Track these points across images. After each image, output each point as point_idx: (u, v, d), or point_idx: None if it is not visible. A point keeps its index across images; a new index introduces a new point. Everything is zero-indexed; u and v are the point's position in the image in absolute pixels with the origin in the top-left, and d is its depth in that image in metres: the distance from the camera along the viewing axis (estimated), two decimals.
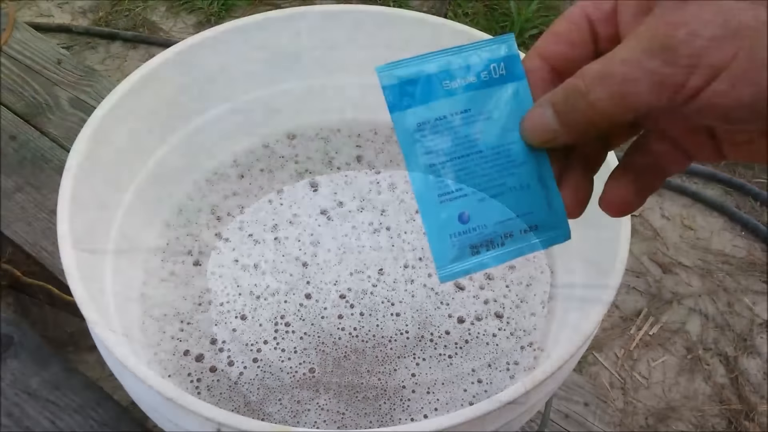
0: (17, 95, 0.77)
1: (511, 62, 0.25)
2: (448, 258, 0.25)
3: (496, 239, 0.25)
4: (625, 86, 0.21)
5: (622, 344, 0.90)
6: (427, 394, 0.42)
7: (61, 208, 0.37)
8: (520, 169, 0.25)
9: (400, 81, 0.25)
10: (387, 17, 0.50)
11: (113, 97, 0.43)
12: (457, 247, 0.25)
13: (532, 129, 0.24)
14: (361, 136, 0.56)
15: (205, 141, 0.52)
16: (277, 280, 0.47)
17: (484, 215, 0.25)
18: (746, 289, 0.95)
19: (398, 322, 0.45)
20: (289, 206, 0.51)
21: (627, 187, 0.24)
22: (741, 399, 0.85)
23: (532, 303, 0.46)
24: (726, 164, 1.10)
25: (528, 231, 0.25)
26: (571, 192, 0.25)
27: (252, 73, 0.52)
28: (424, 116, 0.25)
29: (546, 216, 0.25)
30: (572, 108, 0.22)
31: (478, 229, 0.25)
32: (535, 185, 0.25)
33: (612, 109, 0.21)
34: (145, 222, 0.48)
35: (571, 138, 0.23)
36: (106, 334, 0.33)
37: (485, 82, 0.25)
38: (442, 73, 0.25)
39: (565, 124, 0.23)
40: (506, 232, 0.25)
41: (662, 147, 0.24)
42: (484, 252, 0.25)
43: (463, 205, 0.25)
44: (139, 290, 0.46)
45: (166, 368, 0.42)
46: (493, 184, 0.25)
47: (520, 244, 0.25)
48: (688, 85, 0.20)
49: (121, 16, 1.26)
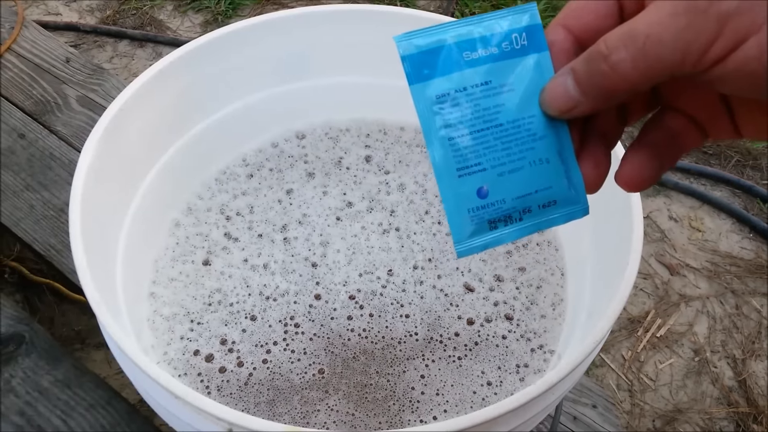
0: (26, 93, 0.78)
1: (533, 32, 0.24)
2: (466, 233, 0.24)
3: (515, 214, 0.24)
4: (649, 47, 0.20)
5: (629, 346, 0.89)
6: (437, 395, 0.42)
7: (72, 208, 0.37)
8: (539, 143, 0.24)
9: (419, 51, 0.24)
10: (396, 17, 0.50)
11: (123, 97, 0.43)
12: (476, 221, 0.24)
13: (552, 98, 0.23)
14: (370, 136, 0.56)
15: (215, 140, 0.52)
16: (287, 281, 0.47)
17: (503, 190, 0.24)
18: (754, 292, 0.95)
19: (407, 324, 0.45)
20: (298, 206, 0.51)
21: (643, 162, 0.24)
22: (749, 402, 0.85)
23: (543, 305, 0.46)
24: (734, 166, 1.10)
25: (547, 206, 0.25)
26: (590, 166, 0.25)
27: (261, 73, 0.52)
28: (443, 88, 0.24)
29: (565, 191, 0.25)
30: (593, 72, 0.21)
31: (496, 204, 0.24)
32: (554, 159, 0.24)
33: (634, 72, 0.20)
34: (155, 221, 0.48)
35: (591, 106, 0.22)
36: (118, 334, 0.33)
37: (506, 53, 0.24)
38: (463, 43, 0.24)
39: (586, 91, 0.22)
40: (525, 207, 0.24)
41: (679, 123, 0.24)
42: (502, 227, 0.24)
43: (482, 180, 0.24)
44: (148, 289, 0.46)
45: (176, 368, 0.42)
46: (513, 158, 0.24)
47: (538, 219, 0.25)
48: (715, 49, 0.19)
49: (128, 15, 1.26)
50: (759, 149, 1.12)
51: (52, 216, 0.68)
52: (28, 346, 0.46)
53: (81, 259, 0.36)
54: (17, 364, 0.45)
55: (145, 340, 0.43)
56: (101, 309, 0.34)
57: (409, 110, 0.61)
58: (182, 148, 0.50)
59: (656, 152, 0.24)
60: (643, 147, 0.24)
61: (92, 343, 0.82)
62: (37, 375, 0.44)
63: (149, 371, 0.31)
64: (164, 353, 0.43)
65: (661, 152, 0.24)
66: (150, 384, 0.34)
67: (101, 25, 1.23)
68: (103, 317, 0.34)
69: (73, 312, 0.84)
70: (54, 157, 0.72)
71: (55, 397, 0.44)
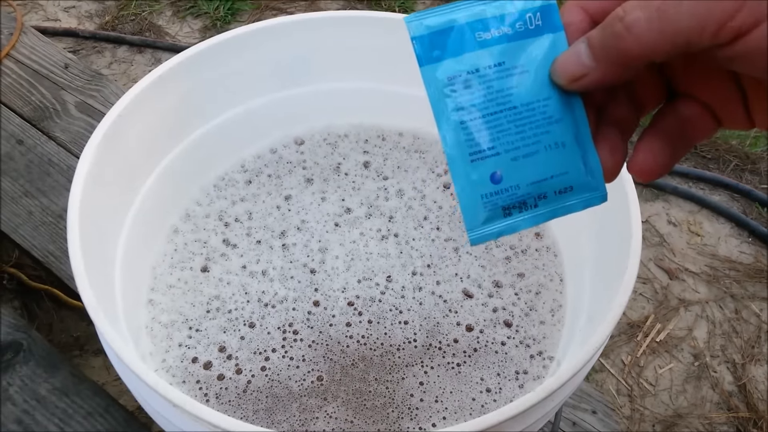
0: (24, 99, 0.78)
1: (548, 11, 0.23)
2: (480, 220, 0.23)
3: (530, 200, 0.24)
4: (667, 9, 0.19)
5: (628, 351, 0.89)
6: (435, 402, 0.42)
7: (71, 214, 0.37)
8: (555, 127, 0.23)
9: (430, 31, 0.23)
10: (394, 23, 0.50)
11: (123, 103, 0.43)
12: (489, 208, 0.23)
13: (564, 65, 0.22)
14: (368, 142, 0.56)
15: (213, 146, 0.52)
16: (285, 287, 0.47)
17: (518, 175, 0.23)
18: (753, 296, 0.95)
19: (406, 330, 0.45)
20: (297, 212, 0.51)
21: (656, 149, 0.24)
22: (749, 407, 0.84)
23: (542, 311, 0.46)
24: (733, 170, 1.10)
25: (563, 192, 0.24)
26: (607, 151, 0.24)
27: (260, 79, 0.52)
28: (455, 69, 0.23)
29: (582, 177, 0.24)
30: (608, 35, 0.21)
31: (510, 189, 0.23)
32: (570, 144, 0.23)
33: (650, 35, 0.20)
34: (153, 227, 0.48)
35: (603, 73, 0.22)
36: (116, 342, 0.33)
37: (520, 33, 0.23)
38: (476, 23, 0.23)
39: (598, 56, 0.21)
40: (540, 193, 0.24)
41: (693, 110, 0.24)
42: (516, 214, 0.24)
43: (496, 165, 0.23)
44: (147, 296, 0.46)
45: (174, 375, 0.42)
46: (527, 142, 0.23)
47: (554, 205, 0.24)
48: (736, 20, 0.18)
49: (127, 21, 1.26)
50: (757, 153, 1.12)
51: (50, 222, 0.68)
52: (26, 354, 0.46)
53: (79, 266, 0.36)
54: (15, 372, 0.45)
55: (143, 347, 0.43)
56: (99, 316, 0.34)
57: (407, 116, 0.61)
58: (181, 154, 0.50)
59: (670, 139, 0.24)
60: (657, 134, 0.24)
61: (91, 350, 0.82)
62: (34, 383, 0.44)
63: (147, 379, 0.31)
64: (162, 360, 0.43)
65: (674, 139, 0.24)
66: (148, 392, 0.34)
67: (100, 30, 1.23)
68: (101, 324, 0.34)
69: (72, 318, 0.84)
70: (52, 163, 0.72)
71: (53, 405, 0.44)
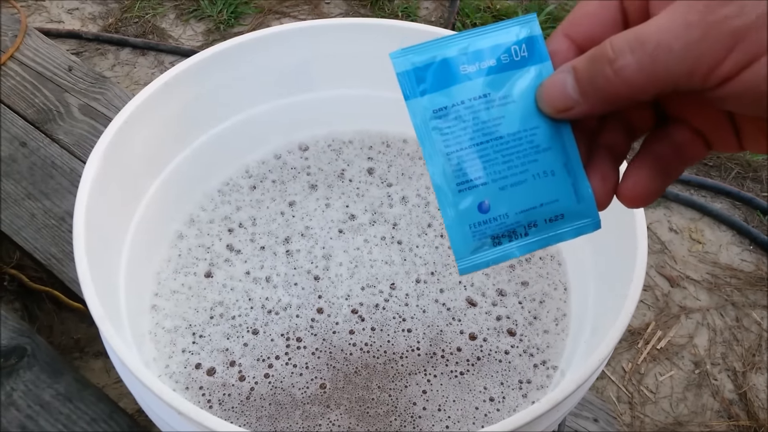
0: (28, 102, 0.78)
1: (533, 43, 0.24)
2: (468, 249, 0.24)
3: (519, 229, 0.24)
4: (658, 54, 0.19)
5: (629, 358, 0.89)
6: (438, 411, 0.42)
7: (77, 221, 0.37)
8: (544, 155, 0.23)
9: (415, 67, 0.23)
10: (398, 30, 0.50)
11: (128, 109, 0.43)
12: (478, 237, 0.24)
13: (549, 95, 0.23)
14: (372, 148, 0.56)
15: (218, 152, 0.52)
16: (289, 294, 0.47)
17: (506, 204, 0.23)
18: (754, 304, 0.95)
19: (410, 338, 0.45)
20: (301, 218, 0.51)
21: (647, 176, 0.23)
22: (749, 415, 0.84)
23: (546, 320, 0.46)
24: (734, 178, 1.10)
25: (554, 220, 0.24)
26: (598, 179, 0.24)
27: (265, 85, 0.52)
28: (440, 102, 0.23)
29: (573, 204, 0.24)
30: (596, 74, 0.21)
31: (499, 219, 0.24)
32: (560, 171, 0.24)
33: (639, 79, 0.20)
34: (157, 232, 0.48)
35: (589, 109, 0.22)
36: (121, 349, 0.33)
37: (506, 65, 0.23)
38: (460, 57, 0.23)
39: (586, 92, 0.21)
40: (530, 221, 0.24)
41: (685, 135, 0.23)
42: (506, 243, 0.24)
43: (483, 194, 0.23)
44: (150, 301, 0.46)
45: (177, 381, 0.42)
46: (515, 171, 0.23)
47: (545, 233, 0.24)
48: (727, 63, 0.19)
49: (130, 23, 1.27)
50: (759, 161, 1.12)
51: (53, 225, 0.68)
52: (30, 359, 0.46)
53: (84, 272, 0.36)
54: (19, 377, 0.45)
55: (147, 353, 0.43)
56: (105, 323, 0.34)
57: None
58: (185, 160, 0.50)
59: (660, 165, 0.23)
60: (647, 160, 0.24)
61: (91, 352, 0.82)
62: (38, 388, 0.44)
63: (153, 387, 0.31)
64: (166, 366, 0.43)
65: (665, 165, 0.24)
66: (152, 398, 0.34)
67: (103, 33, 1.23)
68: (107, 332, 0.34)
69: (72, 320, 0.83)
70: (55, 165, 0.72)
71: (57, 410, 0.43)
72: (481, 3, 1.32)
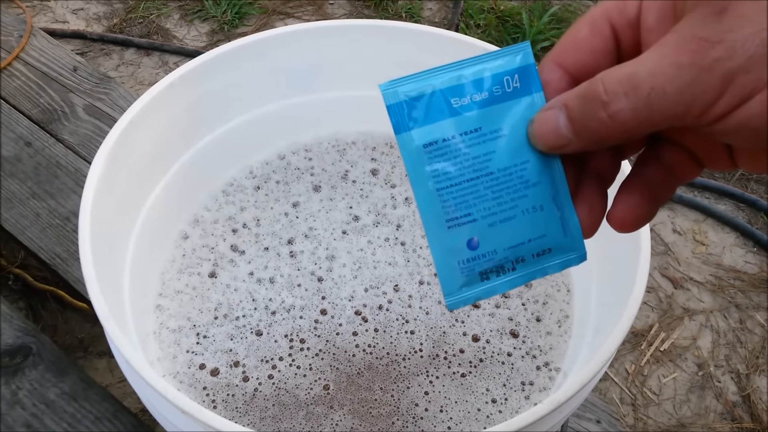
0: (33, 102, 0.78)
1: (526, 73, 0.23)
2: (457, 285, 0.24)
3: (507, 264, 0.24)
4: (652, 99, 0.19)
5: (632, 360, 0.89)
6: (440, 412, 0.42)
7: (82, 222, 0.37)
8: (533, 190, 0.23)
9: (406, 99, 0.23)
10: (401, 32, 0.50)
11: (134, 110, 0.43)
12: (466, 273, 0.23)
13: (543, 134, 0.22)
14: (376, 149, 0.56)
15: (223, 152, 0.52)
16: (293, 295, 0.47)
17: (495, 240, 0.23)
18: (758, 306, 0.95)
19: (412, 340, 0.45)
20: (305, 219, 0.51)
21: (638, 201, 0.23)
22: (753, 417, 0.84)
23: (548, 322, 0.46)
24: (738, 179, 1.10)
25: (541, 254, 0.24)
26: (585, 210, 0.24)
27: (269, 86, 0.52)
28: (430, 137, 0.23)
29: (560, 238, 0.24)
30: (589, 117, 0.21)
31: (488, 255, 0.23)
32: (548, 206, 0.23)
33: (634, 123, 0.20)
34: (162, 233, 0.49)
35: (583, 147, 0.22)
36: (127, 349, 0.33)
37: (497, 97, 0.23)
38: (451, 89, 0.23)
39: (579, 132, 0.21)
40: (518, 257, 0.24)
41: (676, 157, 0.23)
42: (494, 278, 0.24)
43: (472, 231, 0.23)
44: (155, 301, 0.46)
45: (182, 381, 0.42)
46: (504, 207, 0.23)
47: (532, 268, 0.24)
48: (719, 105, 0.19)
49: (135, 23, 1.27)
50: None
51: (57, 224, 0.68)
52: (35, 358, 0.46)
53: (90, 272, 0.36)
54: (24, 376, 0.45)
55: (152, 352, 0.43)
56: (110, 322, 0.34)
57: None
58: (190, 160, 0.50)
59: (652, 188, 0.23)
60: (638, 185, 0.23)
61: (95, 351, 0.82)
62: (43, 387, 0.44)
63: (157, 386, 0.31)
64: (170, 366, 0.43)
65: (656, 189, 0.23)
66: (156, 398, 0.34)
67: (108, 33, 1.24)
68: (112, 331, 0.34)
69: (76, 320, 0.84)
70: (60, 165, 0.72)
71: (62, 409, 0.44)
72: (484, 4, 1.32)
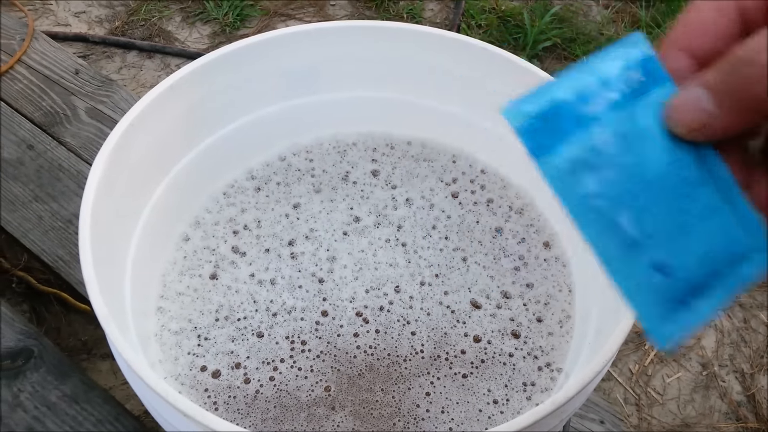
0: (35, 105, 0.78)
1: (648, 65, 0.21)
2: (659, 319, 0.20)
3: (703, 281, 0.20)
4: None
5: (636, 359, 0.89)
6: (442, 413, 0.42)
7: (83, 223, 0.38)
8: (698, 191, 0.20)
9: (532, 118, 0.20)
10: (403, 33, 0.50)
11: (134, 112, 0.43)
12: (661, 303, 0.20)
13: (680, 112, 0.20)
14: (377, 150, 0.56)
15: (223, 154, 0.52)
16: (294, 297, 0.47)
17: (681, 257, 0.20)
18: (762, 306, 0.94)
19: (414, 341, 0.45)
20: (305, 220, 0.51)
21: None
22: (758, 417, 0.84)
23: (550, 322, 0.46)
24: None
25: (734, 262, 0.21)
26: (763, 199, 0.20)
27: (270, 87, 0.52)
28: (572, 154, 0.20)
29: (745, 238, 0.21)
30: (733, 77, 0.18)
31: (679, 274, 0.20)
32: (720, 204, 0.20)
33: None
34: (163, 235, 0.49)
35: (729, 121, 0.19)
36: (127, 352, 0.33)
37: (627, 95, 0.21)
38: (577, 98, 0.21)
39: (722, 101, 0.19)
40: (711, 270, 0.20)
41: None
42: (694, 301, 0.20)
43: (654, 251, 0.20)
44: (156, 303, 0.46)
45: (183, 383, 0.42)
46: (675, 216, 0.20)
47: (731, 280, 0.21)
48: None
49: (137, 26, 1.27)
50: None
51: (60, 227, 0.69)
52: (37, 361, 0.46)
53: (90, 274, 0.36)
54: (26, 379, 0.45)
55: (153, 354, 0.43)
56: (109, 324, 0.34)
57: (416, 124, 0.61)
58: (191, 162, 0.50)
59: None
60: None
61: (98, 354, 0.82)
62: (45, 390, 0.44)
63: (158, 388, 0.31)
64: (172, 368, 0.43)
65: None
66: (157, 400, 0.34)
67: (110, 36, 1.24)
68: (111, 333, 0.34)
69: (80, 322, 0.84)
70: (62, 168, 0.73)
71: (63, 412, 0.44)
72: (486, 4, 1.32)
